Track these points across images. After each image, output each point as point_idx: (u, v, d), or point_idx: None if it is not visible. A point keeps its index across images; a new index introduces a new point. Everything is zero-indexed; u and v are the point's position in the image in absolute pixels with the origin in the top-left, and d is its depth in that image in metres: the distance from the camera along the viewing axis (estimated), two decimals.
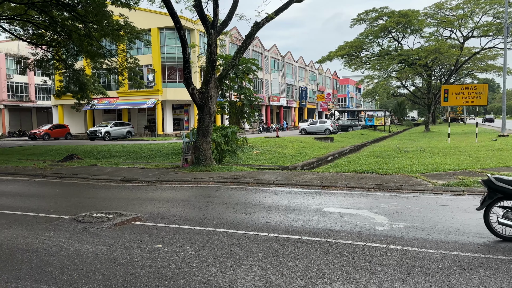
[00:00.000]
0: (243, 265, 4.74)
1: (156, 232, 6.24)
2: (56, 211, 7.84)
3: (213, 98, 14.61)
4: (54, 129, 39.84)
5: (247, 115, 24.59)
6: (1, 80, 49.96)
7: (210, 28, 14.12)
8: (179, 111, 43.25)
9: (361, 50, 44.94)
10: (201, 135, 14.32)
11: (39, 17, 23.38)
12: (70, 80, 25.25)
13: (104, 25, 19.95)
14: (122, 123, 38.99)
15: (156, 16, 37.72)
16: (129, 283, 4.28)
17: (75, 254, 5.24)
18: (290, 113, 68.39)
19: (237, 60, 15.03)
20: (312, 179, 10.85)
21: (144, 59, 37.49)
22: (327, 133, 38.27)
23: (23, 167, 15.55)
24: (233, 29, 47.39)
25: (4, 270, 4.73)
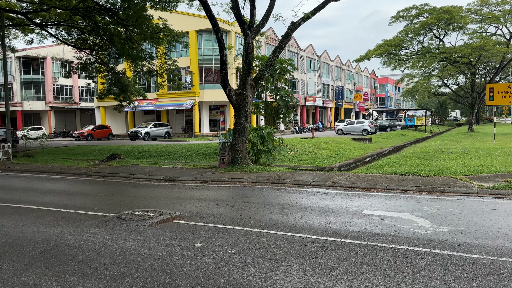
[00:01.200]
0: (282, 266, 4.73)
1: (196, 230, 6.34)
2: (100, 209, 8.15)
3: (250, 99, 14.70)
4: (97, 130, 41.42)
5: (283, 115, 24.52)
6: (48, 83, 52.55)
7: (246, 29, 14.21)
8: (216, 112, 43.82)
9: (401, 48, 43.78)
10: (238, 136, 14.43)
11: (83, 22, 24.40)
12: (112, 82, 26.17)
13: (144, 29, 20.53)
14: (161, 124, 39.98)
15: (194, 19, 38.40)
16: (171, 280, 4.37)
17: (119, 251, 5.42)
18: (326, 113, 67.61)
19: (273, 60, 15.03)
20: (350, 181, 10.67)
21: (182, 61, 38.26)
22: (365, 134, 37.52)
23: (68, 166, 16.27)
24: (269, 29, 47.44)
25: (53, 264, 4.96)
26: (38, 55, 50.94)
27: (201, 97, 40.62)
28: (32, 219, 7.37)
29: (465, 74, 44.43)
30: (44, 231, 6.53)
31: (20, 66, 51.33)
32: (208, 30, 38.87)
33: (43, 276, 4.57)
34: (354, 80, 76.28)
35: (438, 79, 50.61)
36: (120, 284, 4.30)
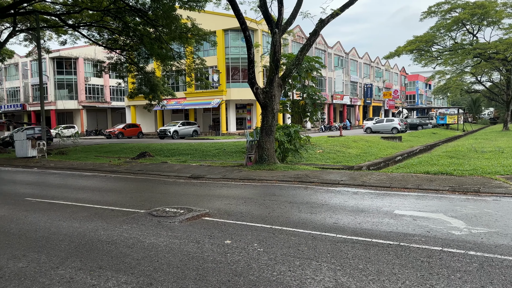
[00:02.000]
0: (312, 265, 4.70)
1: (225, 228, 6.39)
2: (132, 205, 8.33)
3: (277, 97, 14.66)
4: (127, 128, 42.39)
5: (310, 113, 24.35)
6: (80, 83, 54.17)
7: (274, 27, 14.18)
8: (242, 111, 43.98)
9: (432, 45, 42.63)
10: (265, 134, 14.43)
11: (113, 23, 25.00)
12: (142, 82, 26.71)
13: (173, 29, 20.83)
14: (189, 123, 40.51)
15: (221, 18, 38.65)
16: (201, 277, 4.42)
17: (151, 246, 5.52)
18: (354, 111, 66.67)
19: (301, 58, 14.94)
20: (380, 180, 10.48)
21: (209, 60, 38.60)
22: (395, 132, 36.77)
23: (100, 164, 16.73)
24: (296, 27, 47.16)
25: (87, 259, 5.11)
26: (71, 56, 52.58)
27: (228, 96, 40.87)
28: (67, 215, 7.63)
29: (500, 71, 42.80)
30: (78, 226, 6.74)
31: (54, 67, 53.14)
32: (235, 29, 39.04)
33: (78, 270, 4.71)
34: (383, 77, 74.86)
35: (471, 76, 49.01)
36: (153, 279, 4.38)
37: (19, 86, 57.92)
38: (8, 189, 11.25)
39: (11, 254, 5.36)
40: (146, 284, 4.26)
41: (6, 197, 9.82)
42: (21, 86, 57.61)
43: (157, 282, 4.31)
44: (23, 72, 56.77)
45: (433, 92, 73.49)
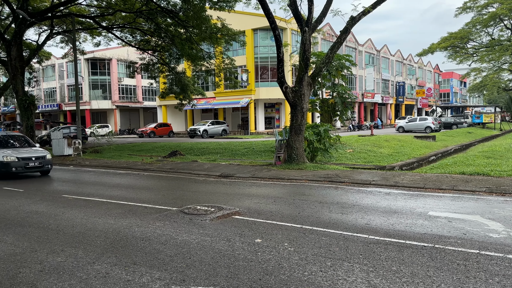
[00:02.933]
0: (344, 266, 4.65)
1: (255, 227, 6.42)
2: (164, 203, 8.50)
3: (306, 96, 14.57)
4: (158, 128, 43.22)
5: (340, 112, 24.06)
6: (113, 83, 55.69)
7: (304, 26, 14.09)
8: (271, 110, 43.96)
9: (468, 41, 41.23)
10: (294, 133, 14.37)
11: (145, 24, 25.55)
12: (173, 82, 27.17)
13: (203, 29, 21.07)
14: (218, 122, 40.87)
15: (250, 17, 38.75)
16: (233, 274, 4.46)
17: (183, 243, 5.62)
18: (385, 110, 65.33)
19: (331, 57, 14.79)
20: (414, 180, 10.23)
21: (238, 60, 38.78)
22: (428, 131, 35.76)
23: (133, 162, 17.14)
24: (326, 25, 46.69)
25: (122, 255, 5.25)
26: (104, 57, 54.13)
27: (256, 95, 40.95)
28: (102, 212, 7.87)
29: None
30: (113, 223, 6.94)
31: (89, 68, 54.86)
32: (264, 28, 39.03)
33: (113, 266, 4.86)
34: (416, 75, 72.95)
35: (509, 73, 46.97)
36: (185, 276, 4.46)
37: (55, 86, 60.14)
38: (46, 187, 11.72)
39: (50, 249, 5.58)
40: (179, 281, 4.34)
41: (44, 194, 10.24)
42: (57, 86, 59.80)
43: (189, 279, 4.38)
44: (59, 73, 58.91)
45: (468, 90, 71.00)
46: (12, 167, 12.98)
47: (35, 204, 8.87)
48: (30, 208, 8.37)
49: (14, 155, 13.19)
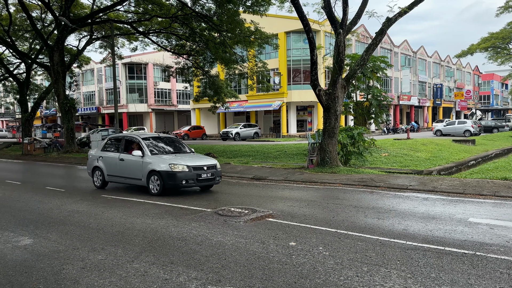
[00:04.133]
0: (381, 272, 4.57)
1: (289, 230, 6.41)
2: (199, 204, 8.65)
3: (340, 99, 14.41)
4: (192, 130, 43.98)
5: (375, 115, 23.64)
6: (149, 87, 57.16)
7: (338, 28, 13.96)
8: (303, 113, 43.75)
9: (510, 41, 39.45)
10: (327, 136, 14.24)
11: (181, 29, 26.09)
12: (207, 85, 27.58)
13: (237, 33, 21.28)
14: (250, 125, 41.09)
15: (283, 20, 38.76)
16: (268, 277, 4.47)
17: (218, 244, 5.69)
18: (422, 112, 63.52)
19: (366, 58, 14.56)
20: (453, 186, 9.90)
21: (271, 63, 38.89)
22: (467, 135, 34.47)
23: None
24: (360, 27, 46.00)
25: (160, 254, 5.38)
26: (141, 61, 55.67)
27: (289, 98, 40.87)
28: (140, 211, 8.09)
29: None
30: (151, 222, 7.12)
31: (126, 72, 56.57)
32: (297, 31, 38.94)
33: (151, 264, 4.98)
34: (454, 77, 70.53)
35: None
36: (221, 276, 4.52)
37: (94, 90, 62.37)
38: (86, 186, 12.17)
39: (91, 247, 5.80)
40: (215, 281, 4.40)
41: (85, 194, 10.64)
42: (96, 90, 61.99)
43: (225, 280, 4.43)
44: (98, 77, 61.07)
45: (510, 92, 67.85)
46: (182, 179, 9.55)
47: (76, 203, 9.23)
48: (72, 208, 8.72)
49: (183, 162, 9.83)
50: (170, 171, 9.59)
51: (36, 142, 27.93)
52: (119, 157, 10.84)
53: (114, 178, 11.08)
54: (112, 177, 11.09)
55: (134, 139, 10.96)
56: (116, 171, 10.92)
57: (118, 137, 11.62)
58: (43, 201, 9.63)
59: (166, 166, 9.66)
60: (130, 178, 10.59)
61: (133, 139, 11.02)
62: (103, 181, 11.35)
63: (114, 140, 11.63)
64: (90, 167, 11.89)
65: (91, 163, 11.78)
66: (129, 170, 10.55)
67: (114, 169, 10.94)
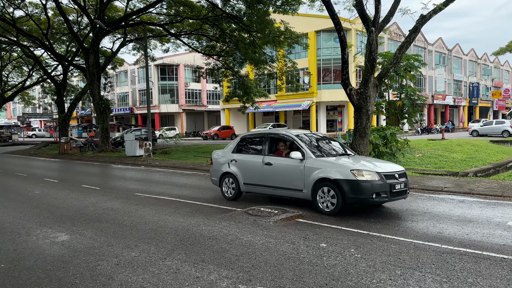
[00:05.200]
0: (415, 275, 4.45)
1: (319, 231, 6.35)
2: (229, 204, 8.71)
3: (372, 98, 14.13)
4: (222, 130, 44.39)
5: (408, 115, 23.07)
6: (180, 88, 58.14)
7: (370, 26, 13.69)
8: (333, 112, 43.28)
9: None
10: (358, 137, 13.99)
11: (211, 30, 26.40)
12: (236, 85, 27.77)
13: (267, 33, 21.29)
14: (279, 125, 41.01)
15: (313, 19, 38.49)
16: (298, 277, 4.45)
17: (248, 244, 5.71)
18: (457, 112, 61.47)
19: (399, 57, 14.20)
20: (490, 188, 9.51)
21: (300, 62, 38.69)
22: (506, 135, 33.05)
23: (199, 163, 17.74)
24: (392, 24, 45.03)
25: (191, 252, 5.45)
26: (172, 63, 56.69)
27: (318, 98, 40.52)
28: (172, 210, 8.23)
29: None
30: (182, 221, 7.23)
31: (158, 73, 57.76)
32: (328, 30, 38.58)
33: (183, 262, 5.06)
34: (492, 75, 67.84)
35: None
36: (251, 276, 4.53)
37: (127, 91, 64.02)
38: (121, 185, 12.51)
39: (125, 244, 5.94)
40: (245, 280, 4.41)
41: (119, 192, 10.93)
42: (129, 91, 63.61)
43: (255, 279, 4.43)
44: (131, 78, 62.65)
45: None
46: (371, 192, 6.97)
47: (110, 201, 9.50)
48: (106, 205, 8.98)
49: (370, 168, 7.38)
50: (353, 180, 7.02)
51: (72, 142, 28.94)
52: (263, 160, 8.40)
53: (254, 187, 8.66)
54: (252, 186, 8.67)
55: (285, 137, 8.52)
56: (258, 179, 8.48)
57: (258, 135, 9.15)
58: (79, 198, 9.97)
59: (346, 173, 7.13)
60: (283, 189, 8.15)
61: (282, 137, 8.60)
62: (237, 191, 8.96)
63: (251, 139, 9.27)
64: (216, 173, 9.50)
65: (218, 168, 9.43)
66: (280, 178, 8.13)
67: (256, 177, 8.52)
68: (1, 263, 5.19)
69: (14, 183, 13.38)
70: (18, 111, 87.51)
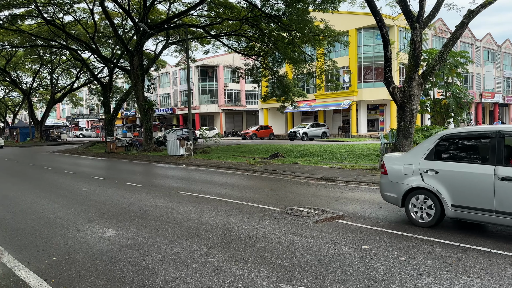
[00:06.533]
0: (462, 280, 4.28)
1: (361, 232, 6.24)
2: (267, 203, 8.74)
3: (416, 97, 13.72)
4: (260, 130, 44.55)
5: (454, 114, 22.14)
6: (220, 88, 58.96)
7: (414, 22, 13.29)
8: (374, 112, 42.28)
9: None
10: (402, 136, 13.62)
11: (250, 31, 26.57)
12: (275, 85, 27.79)
13: (306, 32, 21.16)
14: (318, 124, 40.61)
15: (354, 17, 37.81)
16: (340, 279, 4.40)
17: (288, 243, 5.71)
18: (507, 111, 58.30)
19: (445, 54, 13.70)
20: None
21: (340, 61, 38.13)
22: None
23: (238, 163, 17.91)
24: (437, 20, 43.39)
25: (232, 250, 5.53)
26: (212, 64, 57.59)
27: (359, 97, 39.75)
28: (212, 208, 8.37)
29: None
30: (223, 219, 7.35)
31: (198, 74, 58.87)
32: (369, 27, 37.77)
33: (224, 260, 5.14)
34: None
35: None
36: (292, 276, 4.53)
37: (169, 92, 65.68)
38: (163, 183, 12.87)
39: (168, 240, 6.12)
40: (286, 280, 4.42)
41: (162, 190, 11.25)
42: (171, 92, 65.25)
43: (296, 279, 4.43)
44: (173, 79, 64.23)
45: None
46: None
47: (154, 198, 9.80)
48: (150, 202, 9.27)
49: None
50: None
51: (117, 141, 30.09)
52: (495, 173, 5.64)
53: (475, 213, 5.85)
54: (471, 211, 5.89)
55: None
56: (486, 201, 5.71)
57: (478, 133, 6.21)
58: (124, 195, 10.35)
59: None
60: None
61: None
62: (438, 215, 6.25)
63: (464, 139, 6.35)
64: (395, 187, 6.86)
65: (399, 179, 6.80)
66: None
67: (480, 197, 5.77)
68: (53, 256, 5.50)
69: (63, 180, 14.10)
70: (66, 111, 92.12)
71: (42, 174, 16.18)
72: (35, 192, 11.32)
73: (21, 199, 10.29)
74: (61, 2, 28.97)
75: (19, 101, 67.28)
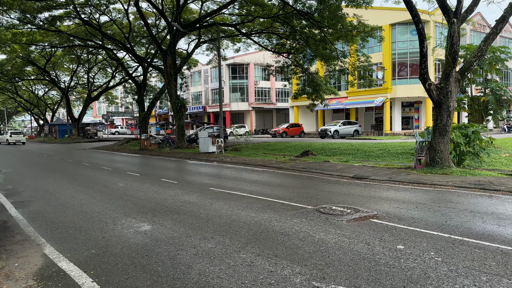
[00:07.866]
0: (502, 283, 4.12)
1: (396, 232, 6.12)
2: (299, 201, 8.72)
3: (453, 94, 13.28)
4: (290, 128, 44.40)
5: (493, 112, 21.29)
6: (250, 86, 59.16)
7: (452, 17, 12.86)
8: (409, 109, 41.23)
9: None
10: (438, 135, 13.23)
11: (281, 28, 26.49)
12: (306, 82, 27.59)
13: (338, 28, 20.88)
14: (349, 122, 40.05)
15: (388, 12, 36.98)
16: (374, 278, 4.34)
17: (321, 242, 5.68)
18: None
19: (484, 49, 13.18)
20: None
21: (374, 57, 37.37)
22: None
23: (268, 160, 17.94)
24: (476, 15, 41.75)
25: (264, 246, 5.56)
26: (243, 62, 57.85)
27: (393, 94, 38.86)
28: (244, 205, 8.44)
29: None
30: (254, 216, 7.39)
31: (229, 72, 59.30)
32: (404, 22, 36.85)
33: (257, 256, 5.17)
34: None
35: None
36: (325, 274, 4.51)
37: (201, 90, 66.54)
38: (196, 179, 13.07)
39: (202, 235, 6.22)
40: (319, 278, 4.40)
41: (195, 186, 11.44)
42: (202, 90, 66.08)
43: (329, 277, 4.41)
44: (204, 78, 65.00)
45: None
46: None
47: (187, 194, 9.98)
48: (184, 198, 9.45)
49: None
50: None
51: (151, 138, 30.81)
52: None
53: None
54: None
55: None
56: None
57: None
58: (159, 191, 10.60)
59: None
60: None
61: None
62: None
63: None
64: None
65: None
66: None
67: None
68: (92, 249, 5.71)
69: (101, 176, 14.58)
70: (102, 109, 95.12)
71: (80, 170, 16.80)
72: (73, 187, 11.78)
73: (61, 193, 10.73)
74: (98, 3, 29.89)
75: (57, 100, 70.10)
